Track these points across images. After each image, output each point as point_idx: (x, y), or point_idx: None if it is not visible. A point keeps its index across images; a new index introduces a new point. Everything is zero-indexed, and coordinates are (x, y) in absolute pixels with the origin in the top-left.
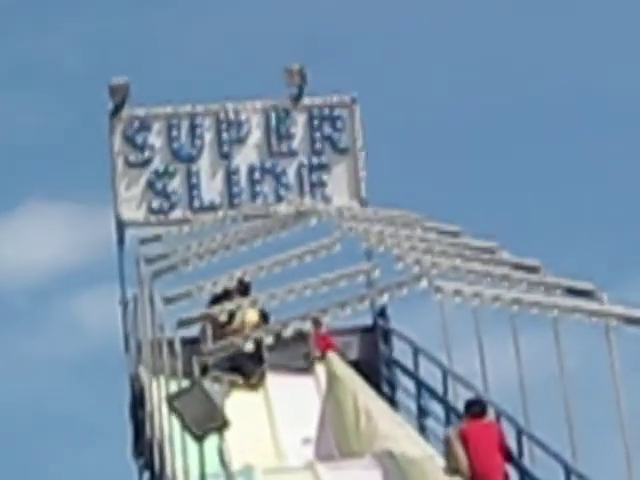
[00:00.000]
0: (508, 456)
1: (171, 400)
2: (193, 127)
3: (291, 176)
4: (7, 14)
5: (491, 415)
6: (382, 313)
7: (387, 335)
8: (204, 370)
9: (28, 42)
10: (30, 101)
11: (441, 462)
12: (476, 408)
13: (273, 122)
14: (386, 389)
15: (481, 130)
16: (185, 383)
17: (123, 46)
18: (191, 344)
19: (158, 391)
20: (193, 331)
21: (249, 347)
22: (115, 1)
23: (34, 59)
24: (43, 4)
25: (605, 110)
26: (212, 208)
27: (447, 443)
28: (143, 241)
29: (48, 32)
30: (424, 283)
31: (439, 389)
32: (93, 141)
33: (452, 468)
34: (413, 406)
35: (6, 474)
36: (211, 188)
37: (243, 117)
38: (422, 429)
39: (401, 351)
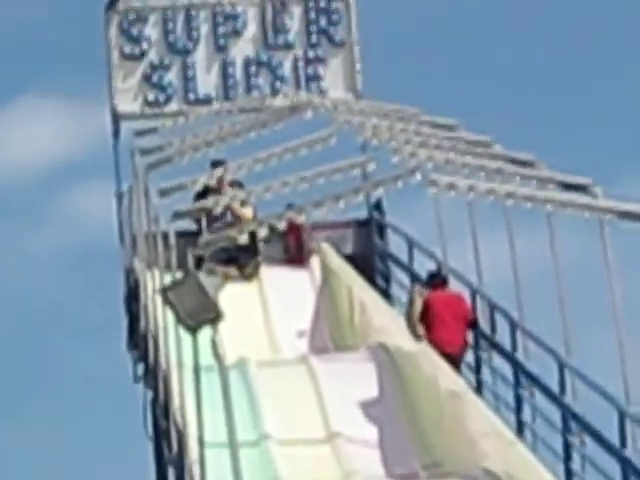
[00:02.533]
0: (473, 324)
1: (165, 292)
2: (189, 19)
3: (287, 69)
4: None
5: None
6: (377, 207)
7: (382, 229)
8: (199, 262)
9: None
10: None
11: (436, 356)
12: (438, 279)
13: (269, 15)
14: (381, 283)
15: (477, 23)
16: (179, 275)
17: None
18: (186, 237)
19: (152, 283)
20: (188, 224)
21: (244, 239)
22: None
23: None
24: None
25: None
26: (207, 101)
27: (410, 302)
28: (138, 133)
29: None
30: (419, 176)
31: None
32: (89, 35)
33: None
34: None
35: (6, 366)
36: (207, 81)
37: (239, 10)
38: None
39: (396, 245)
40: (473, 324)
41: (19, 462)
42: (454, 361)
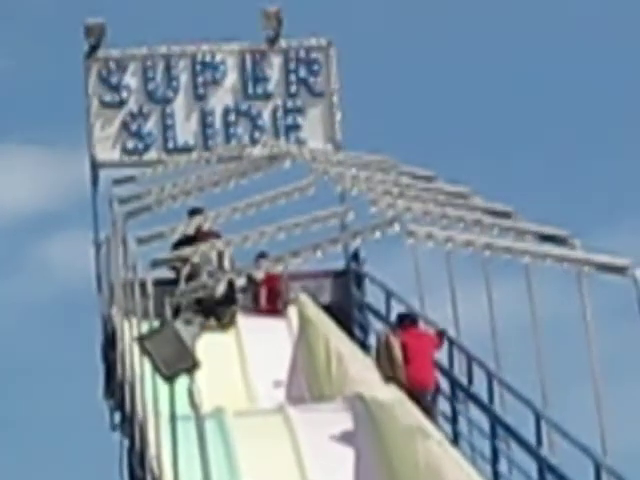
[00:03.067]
0: (437, 347)
1: (142, 340)
2: (168, 68)
3: (266, 118)
4: None
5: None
6: (355, 257)
7: (360, 279)
8: (176, 311)
9: None
10: (2, 43)
11: (411, 406)
12: (407, 320)
13: (249, 65)
14: (358, 333)
15: (456, 75)
16: (157, 324)
17: None
18: (163, 285)
19: (130, 332)
20: (166, 272)
21: (221, 289)
22: None
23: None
24: None
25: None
26: (187, 149)
27: (387, 345)
28: (117, 182)
29: None
30: (397, 227)
31: None
32: (67, 83)
33: (386, 372)
34: None
35: None
36: (186, 130)
37: (219, 59)
38: None
39: (373, 295)
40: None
41: None
42: (430, 397)
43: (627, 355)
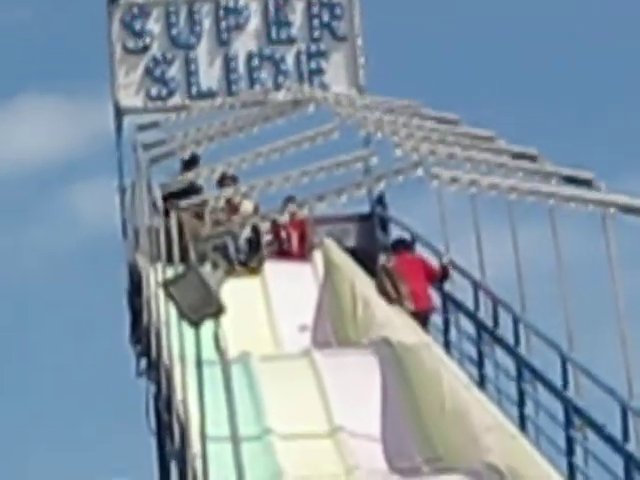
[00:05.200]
0: (433, 277)
1: (167, 286)
2: (192, 14)
3: (289, 63)
4: None
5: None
6: (380, 201)
7: (384, 223)
8: (202, 257)
9: None
10: None
11: (438, 350)
12: (401, 245)
13: (272, 9)
14: None
15: (481, 18)
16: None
17: None
18: (190, 236)
19: (155, 277)
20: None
21: (246, 233)
22: None
23: None
24: None
25: None
26: (210, 95)
27: (387, 272)
28: (141, 127)
29: None
30: (421, 170)
31: None
32: (89, 31)
33: (388, 294)
34: None
35: (7, 362)
36: (209, 75)
37: (242, 4)
38: None
39: None
40: (442, 276)
41: (21, 458)
42: (424, 317)
43: None
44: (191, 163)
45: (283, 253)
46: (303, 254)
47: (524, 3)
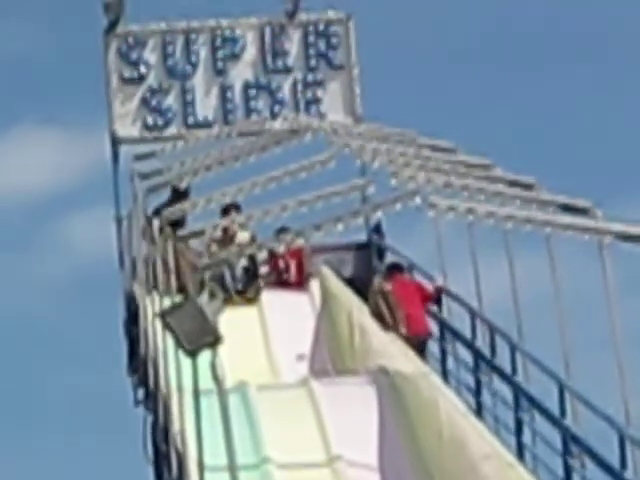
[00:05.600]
0: (428, 299)
1: (164, 315)
2: (188, 43)
3: (286, 92)
4: None
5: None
6: (377, 230)
7: (381, 251)
8: (202, 284)
9: None
10: (22, 22)
11: (436, 378)
12: (394, 269)
13: (268, 39)
14: None
15: (476, 45)
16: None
17: None
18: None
19: (152, 307)
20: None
21: (243, 262)
22: None
23: None
24: None
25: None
26: (207, 125)
27: (384, 296)
28: (138, 157)
29: None
30: (418, 199)
31: None
32: (86, 61)
33: (384, 318)
34: None
35: (5, 392)
36: (206, 105)
37: (238, 33)
38: None
39: None
40: (437, 298)
41: None
42: (422, 342)
43: None
44: (182, 193)
45: (281, 283)
46: (301, 283)
47: (516, 27)
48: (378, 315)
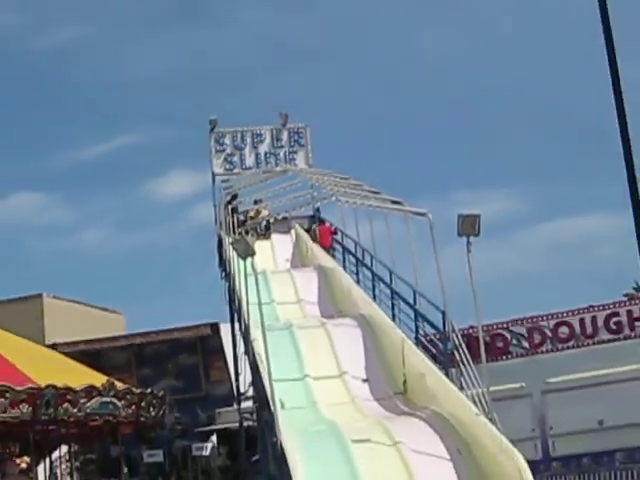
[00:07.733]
0: (332, 233)
1: (232, 243)
2: (242, 136)
3: (281, 156)
4: None
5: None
6: (317, 210)
7: (317, 218)
8: (247, 232)
9: None
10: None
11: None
12: (320, 221)
13: (274, 134)
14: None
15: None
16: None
17: None
18: (241, 224)
19: (227, 240)
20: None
21: (264, 223)
22: None
23: None
24: None
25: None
26: (250, 168)
27: (314, 232)
28: (223, 181)
29: None
30: (334, 198)
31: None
32: (200, 142)
33: (315, 240)
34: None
35: None
36: (249, 160)
37: (262, 132)
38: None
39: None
40: (334, 232)
41: None
42: (328, 250)
43: None
44: (235, 195)
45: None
46: (288, 231)
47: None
48: (313, 239)
